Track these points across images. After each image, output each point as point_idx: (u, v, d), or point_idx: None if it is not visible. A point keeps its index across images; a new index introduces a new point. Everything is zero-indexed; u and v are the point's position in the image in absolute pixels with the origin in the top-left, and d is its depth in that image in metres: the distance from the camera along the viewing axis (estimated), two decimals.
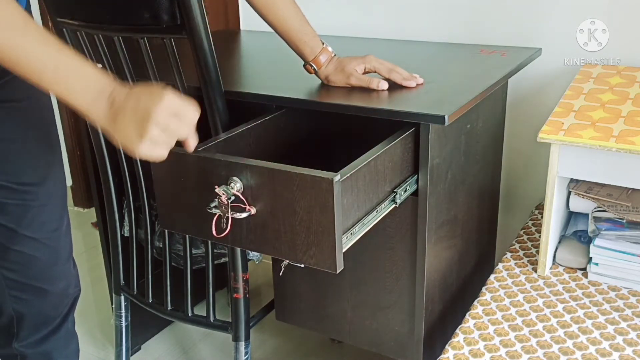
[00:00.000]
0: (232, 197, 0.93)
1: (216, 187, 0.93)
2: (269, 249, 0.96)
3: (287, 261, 1.31)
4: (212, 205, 0.95)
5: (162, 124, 0.82)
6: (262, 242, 0.96)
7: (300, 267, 1.31)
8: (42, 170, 1.13)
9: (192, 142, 0.90)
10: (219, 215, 0.95)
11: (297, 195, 0.89)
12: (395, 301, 1.24)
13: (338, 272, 0.91)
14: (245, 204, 0.93)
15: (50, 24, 1.28)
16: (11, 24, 0.78)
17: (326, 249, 0.90)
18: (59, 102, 2.67)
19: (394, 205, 1.07)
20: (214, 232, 0.97)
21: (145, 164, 1.33)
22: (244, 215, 0.93)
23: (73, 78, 0.81)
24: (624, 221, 1.21)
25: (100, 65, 1.27)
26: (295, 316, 1.40)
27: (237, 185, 0.93)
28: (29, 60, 0.79)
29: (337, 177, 0.86)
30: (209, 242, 1.31)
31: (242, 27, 1.96)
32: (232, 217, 0.94)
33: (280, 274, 1.34)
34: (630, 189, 1.22)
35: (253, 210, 0.93)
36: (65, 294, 1.22)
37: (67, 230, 1.21)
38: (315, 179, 0.87)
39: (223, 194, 0.93)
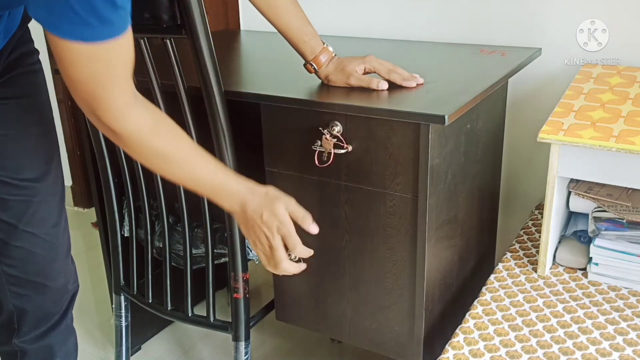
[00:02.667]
0: (335, 139, 1.15)
1: (320, 128, 1.15)
2: (361, 180, 1.17)
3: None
4: (317, 144, 1.17)
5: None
6: (355, 174, 1.17)
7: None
8: (42, 167, 1.14)
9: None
10: (321, 151, 1.17)
11: (390, 135, 1.11)
12: (395, 301, 1.23)
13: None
14: (344, 143, 1.14)
15: None
16: (187, 156, 0.99)
17: (411, 176, 1.12)
18: (59, 101, 2.66)
19: None
20: (316, 163, 1.18)
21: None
22: (342, 151, 1.15)
23: (219, 197, 1.03)
24: (624, 221, 1.21)
25: None
26: (295, 316, 1.40)
27: (337, 128, 1.14)
28: (194, 185, 1.03)
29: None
30: (209, 242, 1.31)
31: (242, 27, 1.96)
32: (334, 152, 1.15)
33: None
34: (630, 189, 1.22)
35: (350, 148, 1.15)
36: (64, 290, 1.23)
37: (65, 226, 1.21)
38: (406, 122, 1.09)
39: (328, 133, 1.14)
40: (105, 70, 0.84)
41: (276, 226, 1.02)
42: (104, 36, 0.80)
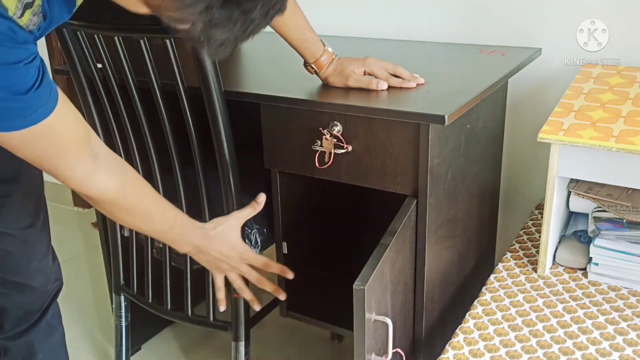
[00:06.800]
0: (335, 139, 1.15)
1: (320, 128, 1.15)
2: (362, 179, 1.17)
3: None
4: (317, 144, 1.17)
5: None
6: (356, 174, 1.17)
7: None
8: (16, 166, 1.11)
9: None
10: (321, 151, 1.17)
11: (390, 135, 1.11)
12: (395, 301, 1.23)
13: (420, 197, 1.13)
14: (344, 143, 1.14)
15: None
16: (149, 212, 1.09)
17: (411, 176, 1.12)
18: None
19: None
20: (317, 164, 1.18)
21: (145, 163, 1.33)
22: (342, 151, 1.15)
23: (175, 244, 1.17)
24: (624, 221, 1.21)
25: (100, 65, 1.27)
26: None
27: (337, 128, 1.14)
28: (154, 235, 1.23)
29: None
30: None
31: None
32: (334, 152, 1.15)
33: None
34: (630, 189, 1.22)
35: (350, 148, 1.15)
36: (44, 289, 1.23)
37: (43, 226, 1.20)
38: (406, 122, 1.09)
39: (328, 133, 1.14)
40: (50, 149, 0.88)
41: (238, 258, 1.19)
42: (25, 124, 0.80)
